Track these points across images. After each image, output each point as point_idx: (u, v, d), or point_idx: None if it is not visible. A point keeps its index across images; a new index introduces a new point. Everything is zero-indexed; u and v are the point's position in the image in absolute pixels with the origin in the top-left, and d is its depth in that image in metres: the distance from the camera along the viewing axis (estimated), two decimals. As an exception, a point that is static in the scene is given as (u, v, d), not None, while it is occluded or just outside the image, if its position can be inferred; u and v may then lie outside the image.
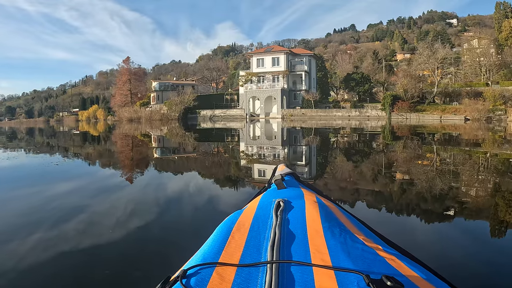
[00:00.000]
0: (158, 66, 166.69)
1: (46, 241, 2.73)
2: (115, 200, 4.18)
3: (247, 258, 0.91)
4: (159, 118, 50.83)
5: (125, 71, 70.80)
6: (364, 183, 5.17)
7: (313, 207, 1.23)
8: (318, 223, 1.08)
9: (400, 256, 0.96)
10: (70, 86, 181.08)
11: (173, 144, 13.27)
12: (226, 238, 1.02)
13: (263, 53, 51.80)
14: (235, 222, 1.14)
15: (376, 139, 13.88)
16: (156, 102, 63.18)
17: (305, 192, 1.46)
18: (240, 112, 50.06)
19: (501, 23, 59.68)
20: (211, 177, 5.86)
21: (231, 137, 16.10)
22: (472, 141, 12.16)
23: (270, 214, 1.17)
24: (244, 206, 1.42)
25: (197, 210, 3.70)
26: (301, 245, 0.96)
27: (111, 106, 74.75)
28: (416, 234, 2.95)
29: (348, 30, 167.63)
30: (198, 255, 0.98)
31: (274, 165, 5.15)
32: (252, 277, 0.81)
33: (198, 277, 0.83)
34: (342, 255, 0.89)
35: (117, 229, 2.98)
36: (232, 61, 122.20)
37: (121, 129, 26.51)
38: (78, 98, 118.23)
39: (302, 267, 0.83)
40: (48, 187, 5.08)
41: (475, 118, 33.86)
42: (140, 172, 6.48)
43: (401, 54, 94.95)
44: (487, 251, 2.53)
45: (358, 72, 52.40)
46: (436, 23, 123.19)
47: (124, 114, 58.32)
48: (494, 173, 5.83)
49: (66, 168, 7.07)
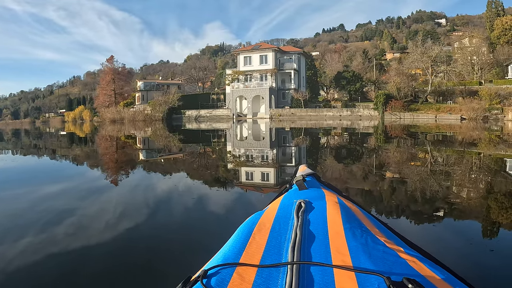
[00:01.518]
0: (146, 66, 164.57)
1: (50, 242, 2.69)
2: (136, 202, 4.04)
3: (268, 259, 0.91)
4: (143, 119, 48.78)
5: (109, 71, 67.73)
6: (355, 183, 5.20)
7: (334, 208, 1.22)
8: (339, 224, 1.08)
9: (422, 258, 0.94)
10: (58, 87, 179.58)
11: (158, 146, 12.69)
12: (247, 239, 1.02)
13: (250, 50, 48.89)
14: (256, 223, 1.14)
15: (368, 141, 13.23)
16: (141, 102, 60.98)
17: (326, 193, 1.45)
18: (226, 112, 47.61)
19: (492, 21, 58.95)
20: (199, 179, 5.60)
21: (218, 138, 15.64)
22: (474, 142, 11.71)
23: (291, 215, 1.16)
24: (265, 207, 1.40)
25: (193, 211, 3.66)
26: (322, 246, 0.95)
27: (95, 106, 71.68)
28: (433, 235, 2.84)
29: (337, 30, 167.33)
30: (219, 256, 0.98)
31: (264, 167, 5.46)
32: (273, 278, 0.81)
33: (219, 277, 0.83)
34: (363, 257, 0.88)
35: (140, 229, 2.96)
36: (220, 60, 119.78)
37: (97, 132, 24.46)
38: (65, 98, 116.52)
39: (322, 268, 0.83)
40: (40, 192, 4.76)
41: (472, 118, 32.65)
42: (124, 174, 6.27)
43: (390, 53, 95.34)
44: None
45: (349, 70, 50.14)
46: (425, 23, 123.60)
47: (107, 114, 56.93)
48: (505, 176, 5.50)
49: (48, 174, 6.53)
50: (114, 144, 13.85)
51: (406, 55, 51.89)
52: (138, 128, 26.99)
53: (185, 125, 34.57)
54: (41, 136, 22.29)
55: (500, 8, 61.28)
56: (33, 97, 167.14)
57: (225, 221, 3.19)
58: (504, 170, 6.13)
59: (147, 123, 38.55)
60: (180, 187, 4.82)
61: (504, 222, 3.16)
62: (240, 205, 3.88)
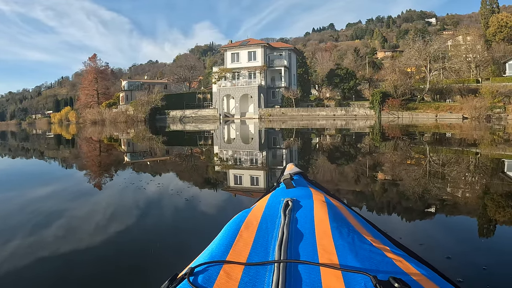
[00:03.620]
0: (135, 67, 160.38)
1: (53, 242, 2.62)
2: (113, 204, 3.87)
3: (255, 257, 0.90)
4: (124, 120, 44.95)
5: (91, 70, 63.53)
6: (346, 185, 4.91)
7: (321, 206, 1.21)
8: (326, 223, 1.06)
9: (408, 258, 0.93)
10: (46, 88, 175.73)
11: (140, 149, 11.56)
12: (234, 237, 1.01)
13: (238, 47, 45.17)
14: (244, 221, 1.12)
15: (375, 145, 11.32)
16: (125, 102, 56.75)
17: (313, 192, 1.43)
18: (213, 112, 44.02)
19: (487, 18, 57.08)
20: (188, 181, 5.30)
21: (204, 140, 14.57)
22: (492, 144, 10.30)
23: (278, 213, 1.14)
24: (252, 205, 1.36)
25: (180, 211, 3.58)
26: (309, 244, 0.94)
27: (76, 107, 67.47)
28: (420, 234, 2.75)
29: (327, 29, 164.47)
30: (206, 253, 0.97)
31: (252, 170, 5.41)
32: (260, 276, 0.80)
33: (206, 275, 0.82)
34: (350, 256, 0.88)
35: (124, 231, 2.89)
36: (209, 60, 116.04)
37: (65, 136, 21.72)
38: (53, 99, 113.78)
39: (309, 266, 0.82)
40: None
41: (474, 117, 29.90)
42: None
43: (382, 52, 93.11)
44: (496, 253, 2.35)
45: (342, 67, 46.79)
46: (415, 22, 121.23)
47: (87, 116, 52.96)
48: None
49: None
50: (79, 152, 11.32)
51: (400, 53, 49.61)
52: (120, 130, 24.58)
53: (170, 126, 31.52)
54: (27, 138, 20.79)
55: (495, 5, 59.44)
56: (20, 98, 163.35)
57: (211, 221, 3.05)
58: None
59: (129, 125, 35.48)
60: (164, 192, 4.44)
61: (491, 221, 3.05)
62: (227, 207, 3.71)
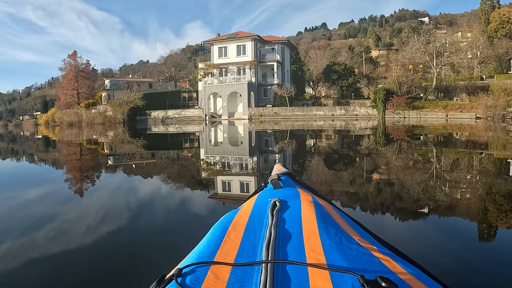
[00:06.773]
0: (125, 67, 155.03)
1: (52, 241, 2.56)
2: (101, 206, 3.64)
3: (243, 257, 0.89)
4: (101, 122, 39.90)
5: (72, 68, 57.72)
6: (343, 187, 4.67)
7: (309, 207, 1.19)
8: (314, 223, 1.05)
9: (395, 257, 0.93)
10: (36, 89, 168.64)
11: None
12: (222, 237, 1.00)
13: (226, 40, 40.03)
14: (231, 221, 1.10)
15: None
16: (107, 102, 51.28)
17: (301, 192, 1.42)
18: (198, 112, 38.97)
19: (488, 14, 53.55)
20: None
21: (190, 143, 13.09)
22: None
23: (266, 214, 1.13)
24: (240, 205, 1.35)
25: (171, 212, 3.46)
26: (297, 245, 0.94)
27: (56, 108, 61.83)
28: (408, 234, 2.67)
29: (320, 28, 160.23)
30: (194, 254, 0.95)
31: (242, 175, 5.31)
32: (247, 276, 0.79)
33: (193, 275, 0.81)
34: (337, 255, 0.87)
35: (111, 231, 2.79)
36: (199, 59, 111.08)
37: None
38: (41, 100, 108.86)
39: (297, 266, 0.81)
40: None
41: (489, 116, 26.17)
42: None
43: (376, 50, 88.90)
44: (484, 255, 2.26)
45: (340, 63, 42.11)
46: (408, 21, 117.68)
47: (64, 117, 47.58)
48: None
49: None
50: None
51: (396, 51, 45.53)
52: (97, 133, 21.25)
53: (151, 128, 27.46)
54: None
55: (496, 0, 55.61)
56: (9, 99, 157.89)
57: (199, 224, 2.87)
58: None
59: (106, 127, 31.16)
60: (148, 197, 4.23)
61: (479, 222, 2.89)
62: (216, 207, 3.50)
